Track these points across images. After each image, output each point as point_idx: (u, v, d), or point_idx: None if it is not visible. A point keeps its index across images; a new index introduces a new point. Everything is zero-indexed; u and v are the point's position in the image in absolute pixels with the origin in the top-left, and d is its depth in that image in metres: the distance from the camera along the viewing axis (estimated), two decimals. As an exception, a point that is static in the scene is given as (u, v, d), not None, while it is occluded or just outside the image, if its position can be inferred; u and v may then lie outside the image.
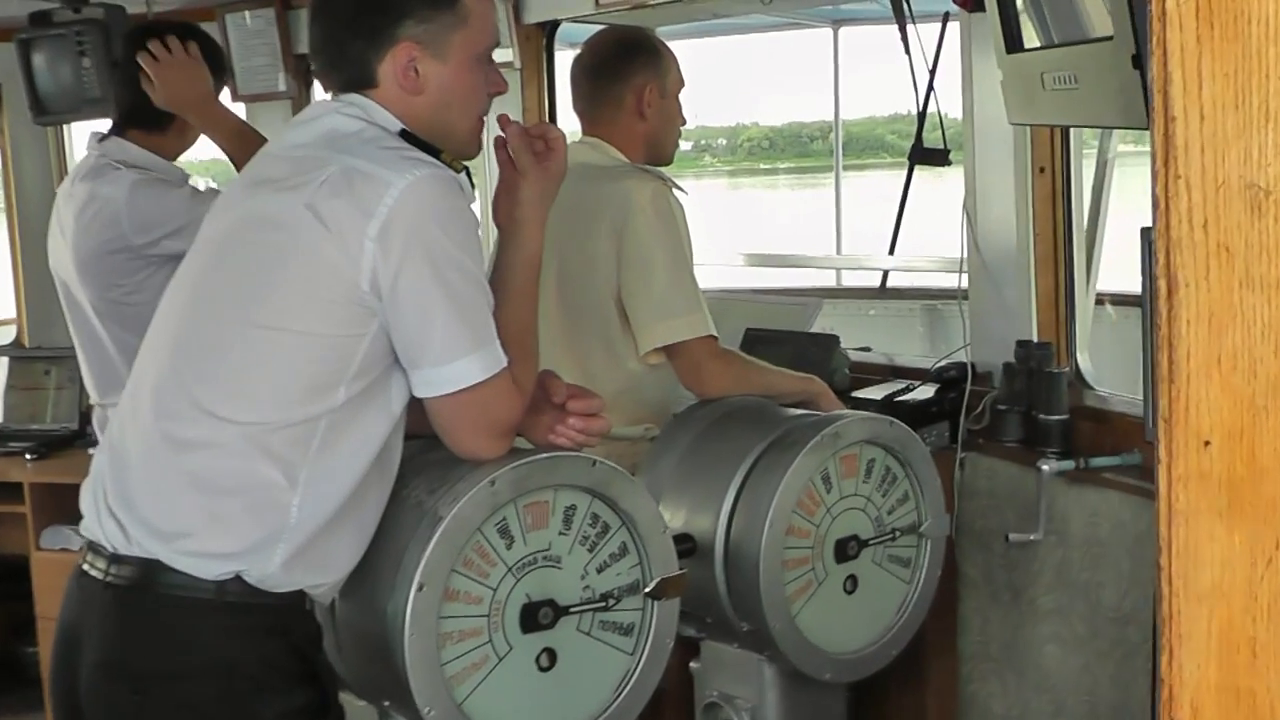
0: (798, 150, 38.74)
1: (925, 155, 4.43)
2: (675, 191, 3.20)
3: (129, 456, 2.25)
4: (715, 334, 3.14)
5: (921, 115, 4.43)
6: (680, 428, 3.10)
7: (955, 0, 3.60)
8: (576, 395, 2.50)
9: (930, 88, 4.55)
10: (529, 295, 2.46)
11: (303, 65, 5.21)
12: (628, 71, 3.34)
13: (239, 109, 5.01)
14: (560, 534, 2.44)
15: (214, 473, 2.17)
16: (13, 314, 5.93)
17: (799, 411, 3.09)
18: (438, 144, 2.35)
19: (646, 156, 3.36)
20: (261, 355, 2.20)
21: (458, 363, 2.23)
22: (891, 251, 5.54)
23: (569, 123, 3.59)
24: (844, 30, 6.70)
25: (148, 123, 3.75)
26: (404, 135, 2.32)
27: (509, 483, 2.34)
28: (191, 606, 2.17)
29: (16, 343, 5.77)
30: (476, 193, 2.53)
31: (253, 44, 5.36)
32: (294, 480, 2.17)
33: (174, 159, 3.80)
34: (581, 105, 3.39)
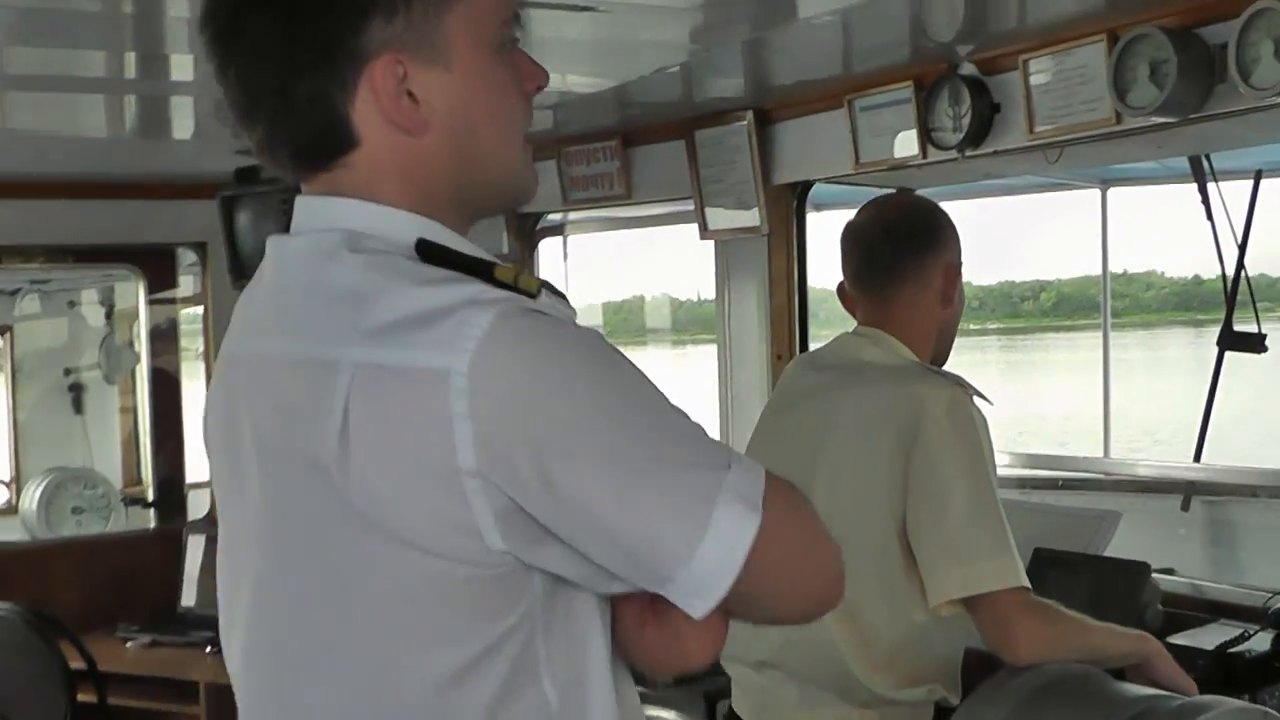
0: (1007, 310, 37.61)
1: (1237, 340, 3.77)
2: (977, 399, 2.58)
3: None
4: (1028, 584, 2.49)
5: (1233, 291, 3.78)
6: (987, 704, 2.42)
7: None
8: None
9: (1242, 257, 3.91)
10: None
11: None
12: (941, 244, 2.77)
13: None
14: None
15: None
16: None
17: (1145, 691, 2.37)
18: (476, 202, 1.55)
19: (935, 354, 2.77)
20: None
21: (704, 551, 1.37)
22: (1198, 458, 4.81)
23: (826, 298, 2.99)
24: (1112, 190, 6.11)
25: None
26: (424, 252, 1.44)
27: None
28: None
29: (209, 519, 5.38)
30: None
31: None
32: None
33: None
34: (867, 281, 2.79)
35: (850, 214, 2.92)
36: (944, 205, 4.81)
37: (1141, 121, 3.25)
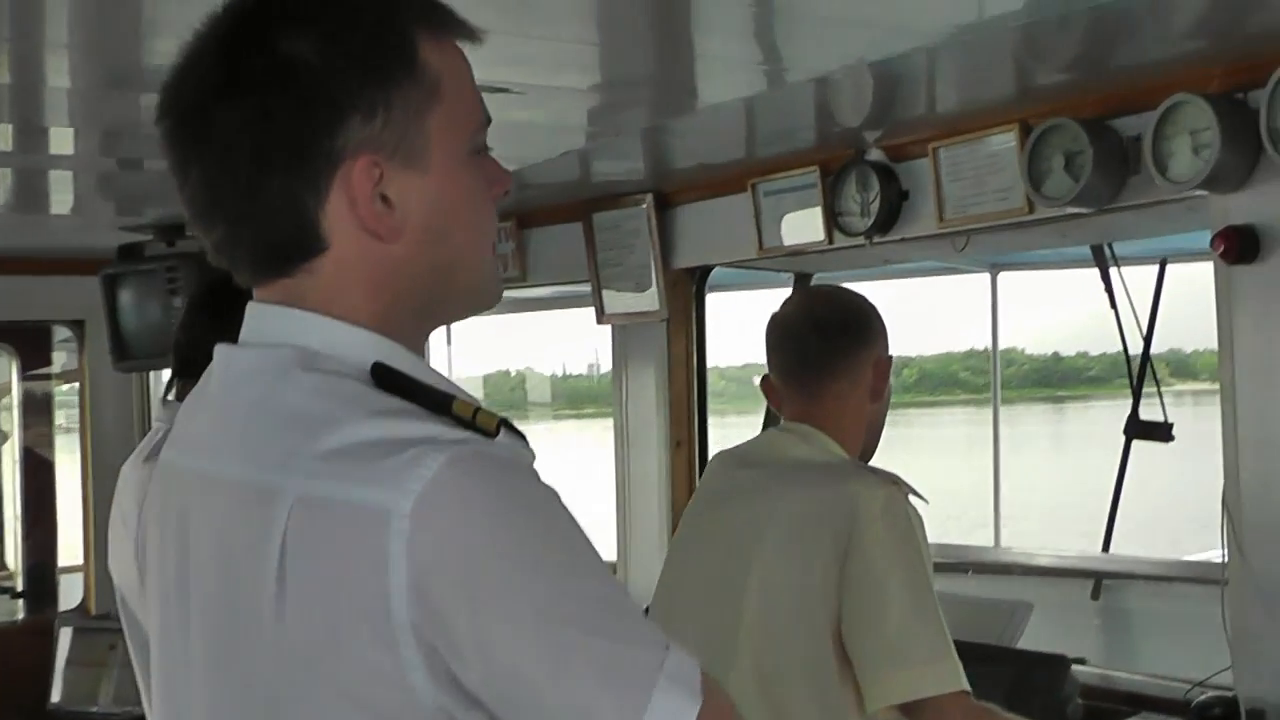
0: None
1: (1144, 430, 3.75)
2: (912, 498, 2.52)
3: None
4: (969, 687, 2.42)
5: (1139, 378, 3.77)
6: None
7: (1220, 251, 2.94)
8: None
9: (1148, 347, 3.91)
10: None
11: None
12: (871, 338, 2.70)
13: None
14: None
15: None
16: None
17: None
18: (442, 311, 1.47)
19: (864, 449, 2.70)
20: None
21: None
22: (1106, 548, 4.79)
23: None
24: (1002, 275, 6.17)
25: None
26: (380, 377, 1.34)
27: None
28: None
29: (82, 608, 5.14)
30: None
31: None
32: None
33: None
34: (796, 376, 2.70)
35: (745, 297, 2.85)
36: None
37: (1055, 212, 3.24)
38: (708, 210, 4.28)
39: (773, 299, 2.87)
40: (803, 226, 3.92)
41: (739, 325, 4.71)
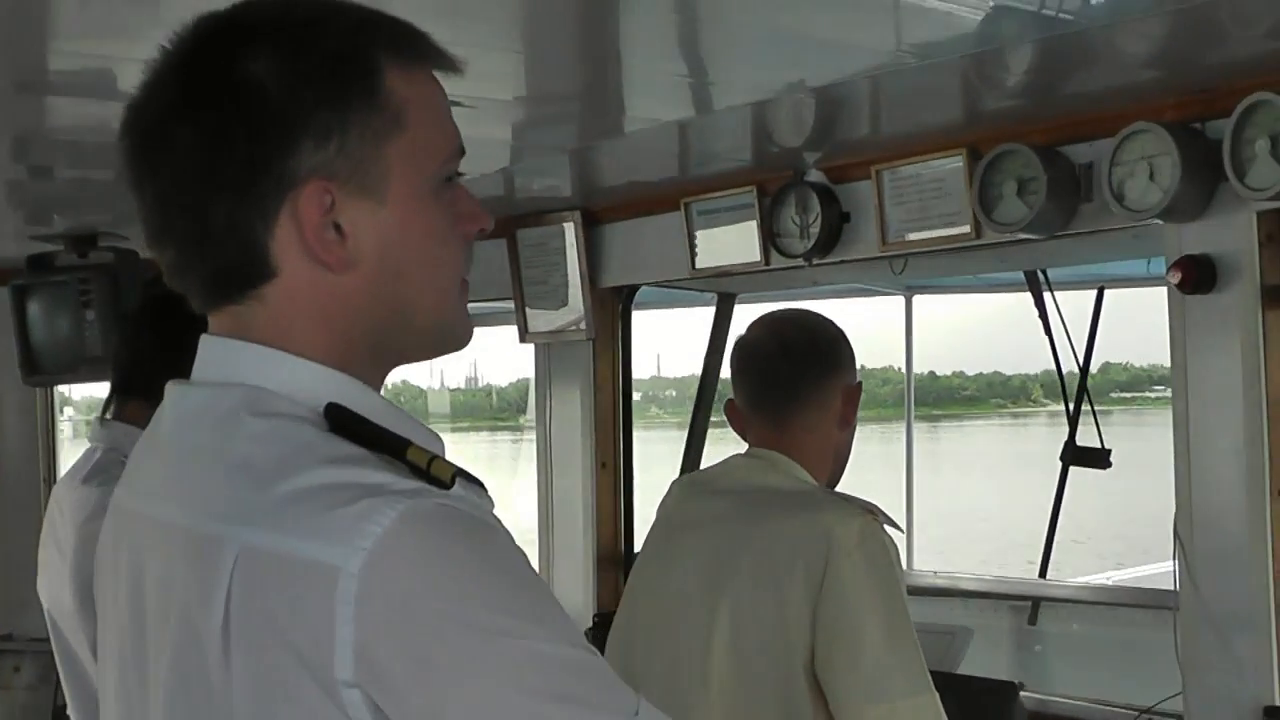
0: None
1: (1080, 455, 3.77)
2: (888, 528, 2.48)
3: None
4: (948, 722, 2.39)
5: (1076, 404, 3.79)
6: None
7: (1176, 281, 2.95)
8: None
9: (1085, 375, 3.93)
10: None
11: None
12: (840, 364, 2.65)
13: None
14: None
15: None
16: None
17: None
18: (398, 350, 1.39)
19: (830, 478, 2.66)
20: None
21: None
22: (1043, 573, 4.79)
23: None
24: (916, 297, 6.19)
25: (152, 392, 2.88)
26: (334, 420, 1.28)
27: None
28: None
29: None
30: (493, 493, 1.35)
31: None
32: None
33: None
34: (763, 402, 2.63)
35: (668, 315, 2.80)
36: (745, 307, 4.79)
37: (1005, 237, 3.24)
38: (637, 229, 4.23)
39: (691, 318, 2.82)
40: (737, 247, 3.88)
41: (648, 340, 4.67)
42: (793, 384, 2.61)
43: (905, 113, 3.32)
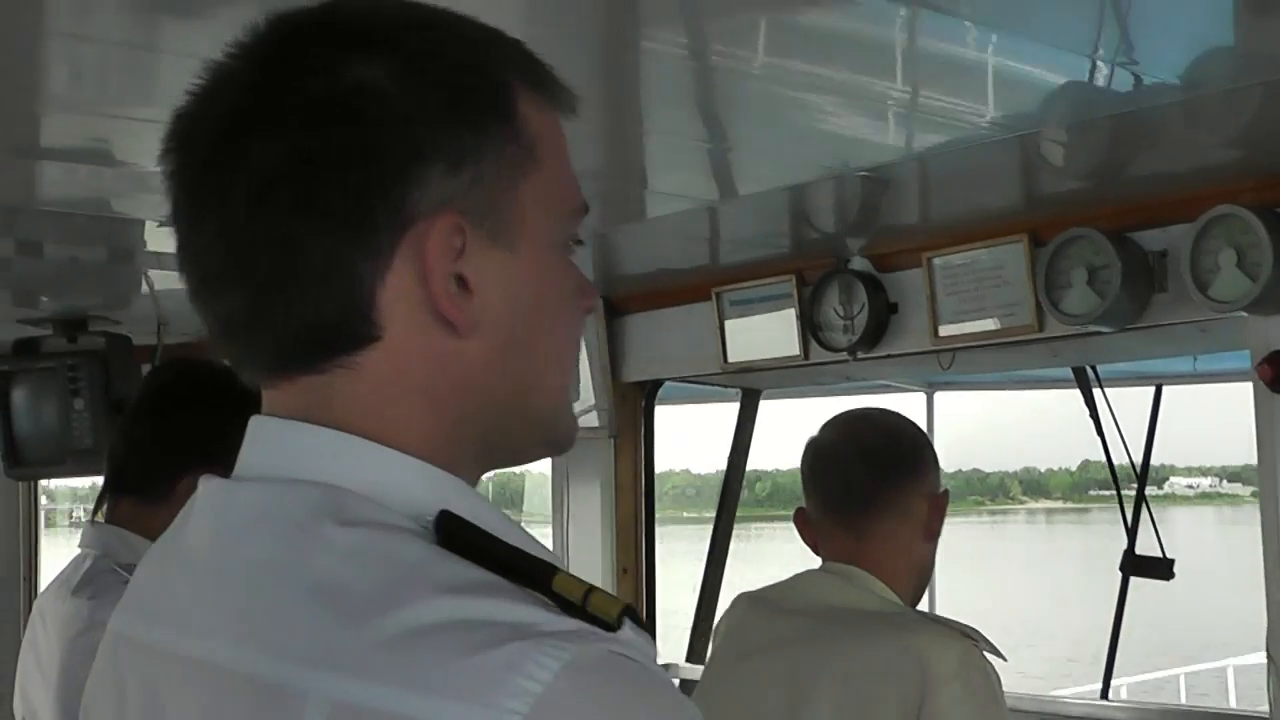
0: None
1: (1141, 566, 3.50)
2: (988, 654, 2.21)
3: None
4: None
5: (1135, 511, 3.53)
6: None
7: (1267, 378, 2.70)
8: None
9: (1144, 481, 3.67)
10: None
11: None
12: (924, 470, 2.42)
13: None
14: None
15: None
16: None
17: None
18: (505, 446, 1.09)
19: (914, 594, 2.40)
20: None
21: None
22: (1105, 694, 4.50)
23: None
24: (939, 394, 5.96)
25: (146, 490, 2.58)
26: (448, 534, 0.97)
27: None
28: None
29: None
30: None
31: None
32: None
33: None
34: (841, 512, 2.39)
35: (685, 410, 2.55)
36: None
37: (1073, 330, 2.99)
38: (663, 320, 3.99)
39: (710, 414, 2.58)
40: (774, 340, 3.63)
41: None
42: (873, 491, 2.36)
43: (959, 196, 3.09)
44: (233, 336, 1.05)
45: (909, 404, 5.97)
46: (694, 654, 4.30)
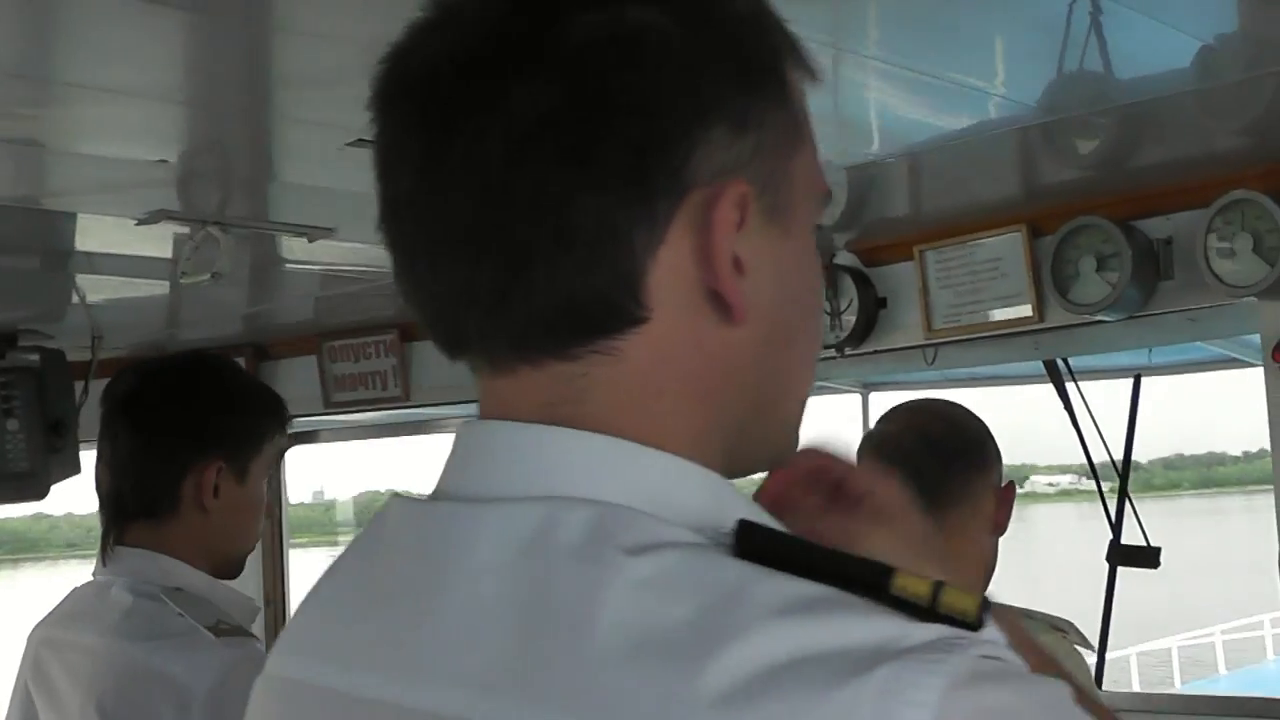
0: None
1: (1129, 555, 3.50)
2: (1079, 647, 2.16)
3: None
4: None
5: (1119, 503, 3.51)
6: None
7: (1278, 359, 2.70)
8: None
9: (1126, 473, 3.66)
10: None
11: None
12: (990, 461, 2.39)
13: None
14: None
15: None
16: None
17: None
18: (747, 450, 0.96)
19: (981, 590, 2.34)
20: None
21: None
22: (1098, 684, 4.50)
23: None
24: (872, 394, 5.92)
25: (156, 511, 2.35)
26: (748, 544, 0.83)
27: None
28: None
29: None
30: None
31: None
32: None
33: (233, 570, 2.42)
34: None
35: None
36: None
37: (1080, 319, 2.96)
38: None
39: None
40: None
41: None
42: (940, 484, 2.28)
43: (952, 188, 3.05)
44: (463, 312, 0.91)
45: (844, 405, 5.92)
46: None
